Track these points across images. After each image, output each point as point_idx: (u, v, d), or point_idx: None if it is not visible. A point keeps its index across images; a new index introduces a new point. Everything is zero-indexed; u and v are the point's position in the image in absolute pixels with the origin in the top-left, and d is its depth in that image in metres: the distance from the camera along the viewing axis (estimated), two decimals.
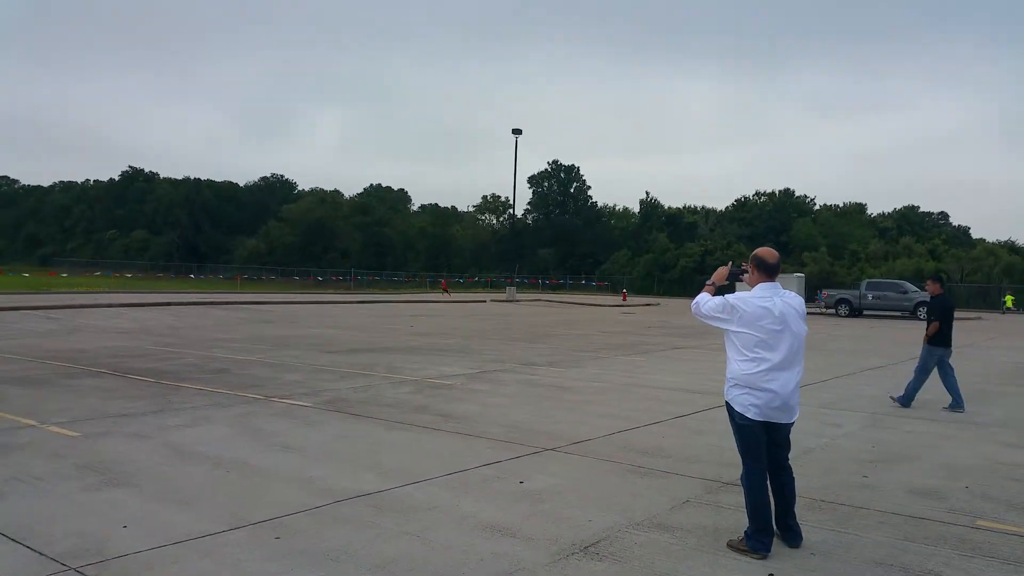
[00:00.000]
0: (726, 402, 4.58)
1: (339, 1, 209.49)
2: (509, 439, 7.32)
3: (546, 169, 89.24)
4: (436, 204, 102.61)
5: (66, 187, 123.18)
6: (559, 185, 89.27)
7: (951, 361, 9.87)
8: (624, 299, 49.67)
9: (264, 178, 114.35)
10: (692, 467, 6.41)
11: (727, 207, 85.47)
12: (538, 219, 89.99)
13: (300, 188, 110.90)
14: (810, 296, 43.84)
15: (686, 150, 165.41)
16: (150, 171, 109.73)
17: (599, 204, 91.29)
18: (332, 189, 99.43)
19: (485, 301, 43.54)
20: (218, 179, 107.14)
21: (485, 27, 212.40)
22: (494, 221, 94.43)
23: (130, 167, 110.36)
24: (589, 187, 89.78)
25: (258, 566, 4.05)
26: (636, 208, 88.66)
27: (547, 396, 10.11)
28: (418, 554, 4.26)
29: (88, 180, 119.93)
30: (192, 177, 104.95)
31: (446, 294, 41.08)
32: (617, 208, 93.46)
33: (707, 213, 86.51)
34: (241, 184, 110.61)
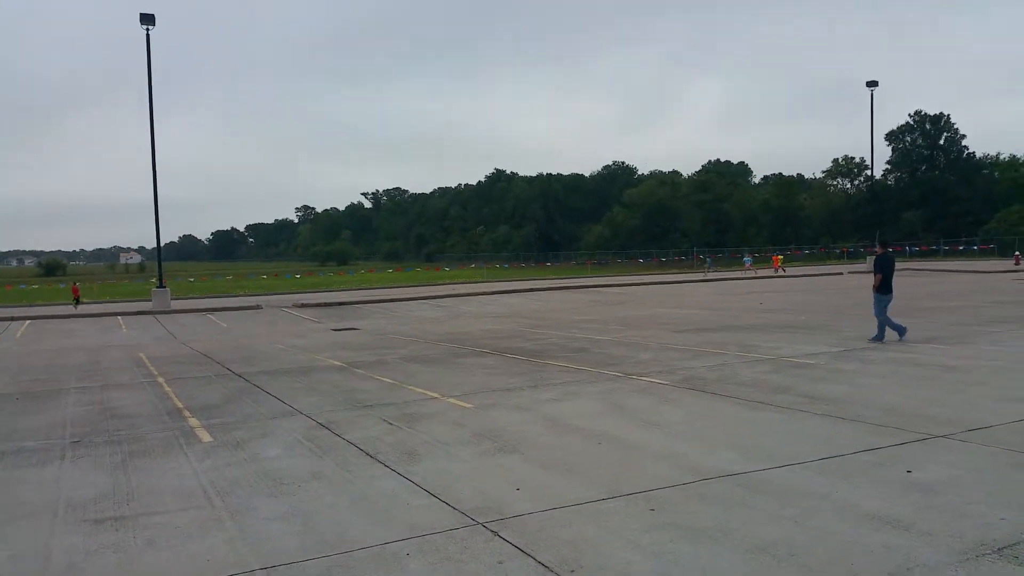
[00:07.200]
0: None
1: None
2: (888, 423, 6.65)
3: (908, 122, 78.37)
4: (780, 174, 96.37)
5: (443, 192, 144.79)
6: (925, 138, 77.71)
7: None
8: (1016, 263, 41.53)
9: (606, 166, 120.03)
10: None
11: None
12: (901, 179, 79.51)
13: (640, 173, 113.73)
14: None
15: None
16: (510, 171, 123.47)
17: (978, 155, 77.47)
18: (671, 171, 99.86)
19: (842, 273, 39.99)
20: (565, 172, 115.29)
21: None
22: (848, 185, 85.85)
23: (495, 169, 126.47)
24: (963, 136, 76.67)
25: (638, 536, 4.27)
26: None
27: (928, 376, 8.96)
28: (797, 540, 4.10)
29: (460, 184, 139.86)
30: (544, 173, 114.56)
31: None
32: (1002, 157, 78.25)
33: None
34: (586, 175, 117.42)
